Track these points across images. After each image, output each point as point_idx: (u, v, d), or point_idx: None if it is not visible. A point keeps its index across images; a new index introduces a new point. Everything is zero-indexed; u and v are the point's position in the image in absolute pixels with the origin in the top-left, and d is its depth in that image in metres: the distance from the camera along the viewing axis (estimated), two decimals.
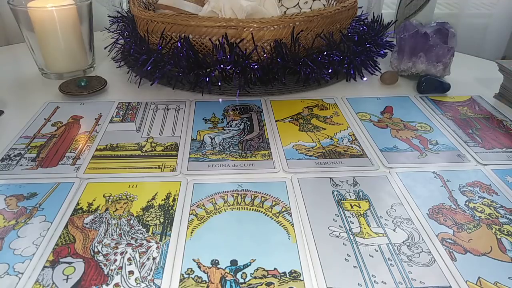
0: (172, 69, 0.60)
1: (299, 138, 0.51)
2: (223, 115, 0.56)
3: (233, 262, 0.34)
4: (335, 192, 0.42)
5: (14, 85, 0.66)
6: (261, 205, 0.40)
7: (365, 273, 0.33)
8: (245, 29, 0.57)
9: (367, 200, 0.41)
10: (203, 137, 0.51)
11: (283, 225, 0.38)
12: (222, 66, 0.58)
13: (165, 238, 0.36)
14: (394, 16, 1.10)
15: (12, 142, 0.50)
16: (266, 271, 0.33)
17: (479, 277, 0.33)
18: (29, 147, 0.49)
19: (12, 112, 0.57)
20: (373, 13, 1.00)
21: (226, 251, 0.35)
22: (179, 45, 0.59)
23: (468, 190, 0.43)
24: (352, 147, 0.50)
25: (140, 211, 0.39)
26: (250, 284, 0.32)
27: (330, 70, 0.63)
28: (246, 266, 0.33)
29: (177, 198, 0.41)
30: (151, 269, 0.33)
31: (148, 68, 0.61)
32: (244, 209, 0.40)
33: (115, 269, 0.33)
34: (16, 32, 0.73)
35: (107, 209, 0.39)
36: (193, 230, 0.37)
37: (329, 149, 0.49)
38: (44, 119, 0.55)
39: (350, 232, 0.37)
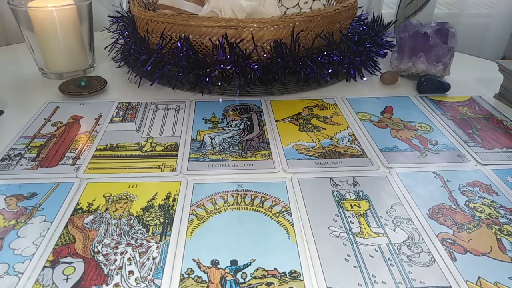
0: (172, 69, 0.60)
1: (299, 138, 0.51)
2: (223, 115, 0.56)
3: (233, 262, 0.34)
4: (335, 192, 0.42)
5: (14, 85, 0.66)
6: (261, 205, 0.40)
7: (365, 273, 0.33)
8: (245, 29, 0.57)
9: (367, 200, 0.41)
10: (203, 137, 0.51)
11: (283, 225, 0.38)
12: (222, 66, 0.58)
13: (165, 238, 0.36)
14: (394, 16, 1.10)
15: (12, 142, 0.50)
16: (266, 271, 0.33)
17: (479, 277, 0.33)
18: (29, 147, 0.49)
19: (12, 112, 0.57)
20: (373, 13, 1.00)
21: (226, 251, 0.35)
22: (179, 45, 0.59)
23: (468, 190, 0.43)
24: (352, 147, 0.50)
25: (140, 211, 0.39)
26: (250, 284, 0.32)
27: (330, 70, 0.63)
28: (246, 266, 0.33)
29: (177, 198, 0.41)
30: (151, 269, 0.33)
31: (148, 68, 0.61)
32: (244, 209, 0.40)
33: (115, 269, 0.33)
34: (16, 32, 0.73)
35: (107, 209, 0.39)
36: (193, 230, 0.37)
37: (329, 149, 0.49)
38: (44, 119, 0.55)
39: (350, 232, 0.37)
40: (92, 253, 0.35)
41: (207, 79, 0.59)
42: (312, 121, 0.55)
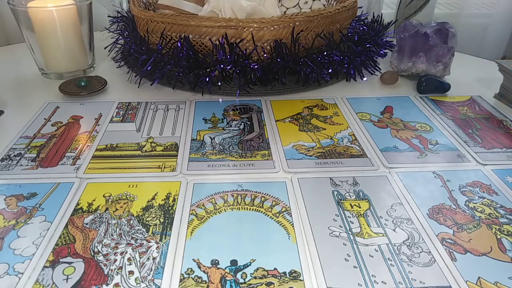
0: (172, 69, 0.60)
1: (299, 138, 0.51)
2: (223, 115, 0.56)
3: (233, 262, 0.34)
4: (335, 192, 0.42)
5: (14, 85, 0.66)
6: (261, 205, 0.40)
7: (365, 273, 0.33)
8: (245, 29, 0.57)
9: (367, 200, 0.41)
10: (203, 137, 0.51)
11: (283, 225, 0.38)
12: (222, 66, 0.58)
13: (165, 238, 0.36)
14: (394, 16, 1.10)
15: (12, 142, 0.50)
16: (266, 271, 0.33)
17: (479, 277, 0.33)
18: (29, 147, 0.49)
19: (12, 112, 0.57)
20: (373, 13, 1.00)
21: (226, 251, 0.35)
22: (179, 45, 0.59)
23: (468, 190, 0.43)
24: (352, 147, 0.50)
25: (140, 211, 0.39)
26: (250, 284, 0.32)
27: (330, 70, 0.63)
28: (246, 266, 0.33)
29: (177, 198, 0.41)
30: (151, 269, 0.33)
31: (148, 68, 0.61)
32: (244, 209, 0.40)
33: (115, 269, 0.33)
34: (16, 32, 0.73)
35: (107, 209, 0.39)
36: (193, 230, 0.37)
37: (329, 149, 0.49)
38: (44, 119, 0.55)
39: (350, 232, 0.37)
40: (92, 253, 0.35)
41: (207, 79, 0.59)
42: (312, 121, 0.55)
